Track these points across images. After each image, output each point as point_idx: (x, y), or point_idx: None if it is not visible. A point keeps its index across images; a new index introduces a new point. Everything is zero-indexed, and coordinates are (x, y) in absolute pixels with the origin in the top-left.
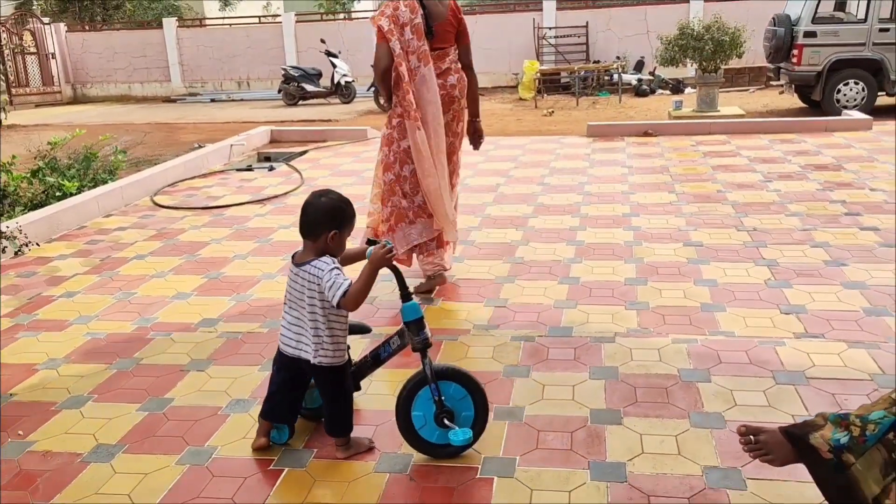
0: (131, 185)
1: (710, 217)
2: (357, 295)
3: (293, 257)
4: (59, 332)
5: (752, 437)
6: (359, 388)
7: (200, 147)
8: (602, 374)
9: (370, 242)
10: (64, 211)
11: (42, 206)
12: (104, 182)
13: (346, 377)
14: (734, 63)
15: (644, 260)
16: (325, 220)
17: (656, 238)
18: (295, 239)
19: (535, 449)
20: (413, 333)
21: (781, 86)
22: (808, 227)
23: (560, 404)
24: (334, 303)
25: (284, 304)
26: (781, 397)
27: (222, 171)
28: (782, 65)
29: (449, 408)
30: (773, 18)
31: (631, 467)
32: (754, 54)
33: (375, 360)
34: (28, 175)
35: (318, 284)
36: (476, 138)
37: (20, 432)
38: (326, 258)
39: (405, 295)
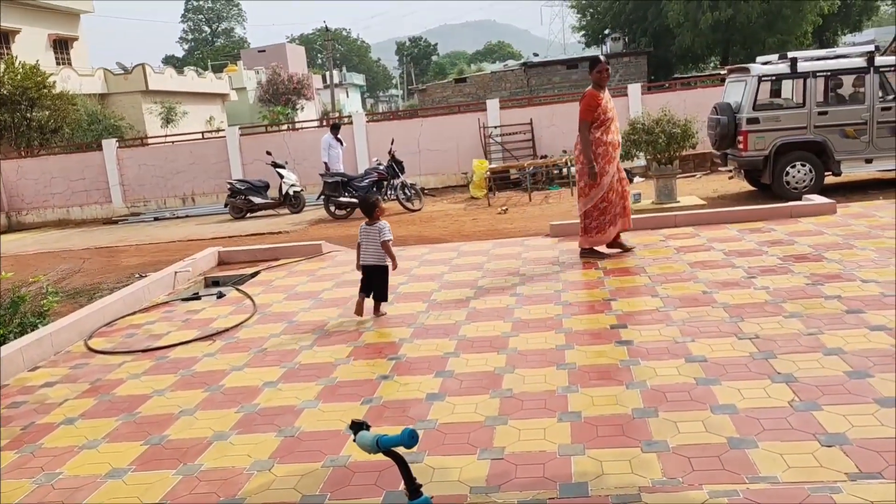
0: (63, 328)
1: (703, 324)
2: (389, 248)
3: (366, 224)
4: None
5: None
6: None
7: (142, 277)
8: None
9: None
10: None
11: None
12: (33, 327)
13: (387, 271)
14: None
15: (647, 384)
16: (376, 208)
17: (653, 354)
18: (249, 384)
19: None
20: None
21: (730, 171)
22: (813, 330)
23: None
24: (381, 240)
25: (361, 244)
26: None
27: (166, 303)
28: (729, 151)
29: None
30: (715, 107)
31: None
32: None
33: None
34: None
35: (382, 232)
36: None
37: None
38: (383, 222)
39: (413, 490)
